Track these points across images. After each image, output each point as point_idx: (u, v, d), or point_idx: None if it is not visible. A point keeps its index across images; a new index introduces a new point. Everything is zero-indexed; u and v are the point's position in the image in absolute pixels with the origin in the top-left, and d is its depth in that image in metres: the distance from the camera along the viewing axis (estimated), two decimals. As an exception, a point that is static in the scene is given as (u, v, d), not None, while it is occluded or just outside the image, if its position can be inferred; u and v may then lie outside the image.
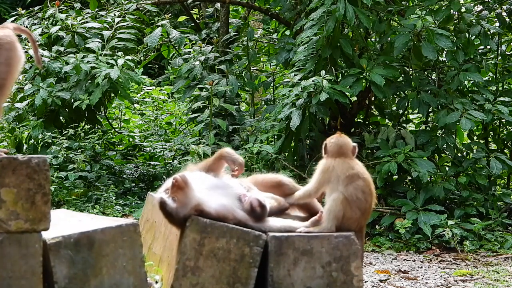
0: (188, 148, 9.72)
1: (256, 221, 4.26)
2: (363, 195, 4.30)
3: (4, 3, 18.21)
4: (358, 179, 4.32)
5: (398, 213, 8.29)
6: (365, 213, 4.34)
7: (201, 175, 4.38)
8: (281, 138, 8.94)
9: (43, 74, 9.92)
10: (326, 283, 4.24)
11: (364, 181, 4.33)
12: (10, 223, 3.78)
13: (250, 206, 4.24)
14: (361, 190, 4.30)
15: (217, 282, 4.18)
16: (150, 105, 13.02)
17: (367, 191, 4.33)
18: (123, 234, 4.00)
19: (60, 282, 3.87)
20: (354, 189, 4.29)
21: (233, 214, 4.23)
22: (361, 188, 4.30)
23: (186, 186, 4.14)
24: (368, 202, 4.33)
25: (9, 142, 10.04)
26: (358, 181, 4.31)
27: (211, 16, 11.54)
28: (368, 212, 4.37)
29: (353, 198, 4.27)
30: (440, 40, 8.37)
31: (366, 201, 4.32)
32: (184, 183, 4.14)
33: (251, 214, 4.24)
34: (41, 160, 3.84)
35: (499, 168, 8.46)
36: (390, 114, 9.67)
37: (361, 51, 9.42)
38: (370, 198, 4.34)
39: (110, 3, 11.09)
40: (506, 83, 9.96)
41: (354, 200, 4.27)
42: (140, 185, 9.98)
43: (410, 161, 8.34)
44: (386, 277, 6.51)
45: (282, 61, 9.73)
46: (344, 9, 8.23)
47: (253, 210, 4.24)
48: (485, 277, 6.55)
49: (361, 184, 4.31)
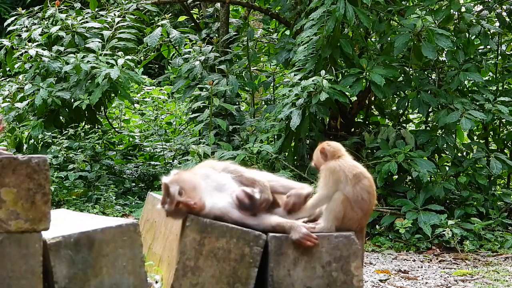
0: (188, 148, 9.73)
1: (249, 214, 4.23)
2: (368, 195, 4.29)
3: (4, 3, 18.21)
4: (364, 178, 4.31)
5: (398, 213, 8.30)
6: (366, 214, 4.33)
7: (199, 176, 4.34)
8: (281, 138, 8.94)
9: (43, 74, 9.92)
10: (326, 283, 4.24)
11: (369, 181, 4.33)
12: (10, 223, 3.78)
13: (237, 199, 4.22)
14: (366, 191, 4.29)
15: (217, 282, 4.18)
16: (150, 105, 13.03)
17: (371, 192, 4.32)
18: (123, 234, 4.00)
19: (60, 282, 3.87)
20: (361, 189, 4.28)
21: (228, 214, 4.22)
22: (366, 188, 4.29)
23: (200, 209, 4.18)
24: (371, 203, 4.33)
25: (9, 142, 10.04)
26: (364, 180, 4.30)
27: (211, 16, 11.53)
28: (370, 212, 4.37)
29: (358, 199, 4.26)
30: (440, 40, 8.37)
31: (370, 202, 4.31)
32: (200, 208, 4.16)
33: (241, 207, 4.22)
34: (41, 160, 3.83)
35: (499, 168, 8.47)
36: (390, 114, 9.67)
37: (361, 51, 9.42)
38: (373, 199, 4.34)
39: (110, 3, 11.09)
40: (506, 83, 9.96)
41: (358, 201, 4.26)
42: (140, 185, 9.98)
43: (410, 161, 8.34)
44: (386, 277, 6.51)
45: (282, 61, 9.74)
46: (344, 9, 8.23)
47: (242, 203, 4.21)
48: (485, 277, 6.55)
49: (367, 184, 4.30)
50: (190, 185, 4.19)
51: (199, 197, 4.15)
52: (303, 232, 4.19)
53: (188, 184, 4.19)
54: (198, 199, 4.14)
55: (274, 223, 4.26)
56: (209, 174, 4.33)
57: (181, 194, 4.15)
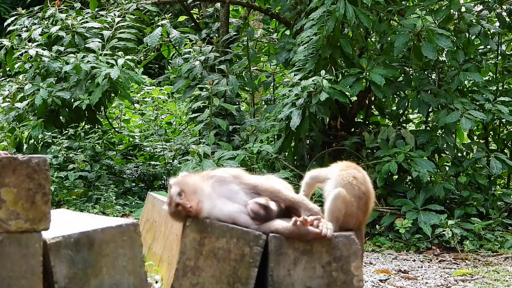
0: (188, 148, 9.72)
1: (263, 223, 4.24)
2: (355, 180, 4.30)
3: (4, 3, 18.22)
4: (353, 169, 4.39)
5: (398, 213, 8.30)
6: (360, 204, 4.31)
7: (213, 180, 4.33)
8: (281, 138, 8.94)
9: (43, 74, 9.93)
10: (326, 283, 4.24)
11: (359, 172, 4.37)
12: (10, 223, 3.78)
13: (253, 212, 4.23)
14: (353, 176, 4.32)
15: (217, 282, 4.18)
16: (150, 105, 13.03)
17: (361, 180, 4.33)
18: (123, 234, 4.00)
19: (60, 282, 3.87)
20: (348, 174, 4.32)
21: (233, 220, 4.21)
22: (353, 174, 4.33)
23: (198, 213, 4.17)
24: (361, 190, 4.31)
25: (9, 142, 10.04)
26: (352, 170, 4.37)
27: (211, 16, 11.54)
28: (365, 205, 4.35)
29: (344, 183, 4.29)
30: (440, 40, 8.37)
31: (359, 189, 4.30)
32: (196, 212, 4.15)
33: (256, 218, 4.23)
34: (41, 160, 3.83)
35: (499, 168, 8.47)
36: (390, 114, 9.67)
37: (361, 51, 9.42)
38: (364, 188, 4.33)
39: (110, 3, 11.09)
40: (506, 83, 9.96)
41: (347, 187, 4.29)
42: (140, 185, 9.99)
43: (410, 161, 8.34)
44: (386, 277, 6.51)
45: (282, 61, 9.73)
46: (344, 9, 8.23)
47: (258, 214, 4.23)
48: (485, 277, 6.55)
49: (354, 172, 4.35)
50: (191, 188, 4.18)
51: (197, 200, 4.14)
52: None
53: (189, 187, 4.18)
54: (195, 202, 4.13)
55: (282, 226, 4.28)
56: (224, 180, 4.34)
57: (181, 196, 4.15)
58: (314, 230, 4.17)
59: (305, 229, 4.17)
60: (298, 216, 4.21)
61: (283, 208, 4.37)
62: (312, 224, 4.19)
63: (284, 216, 4.34)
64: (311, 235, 4.17)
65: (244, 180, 4.37)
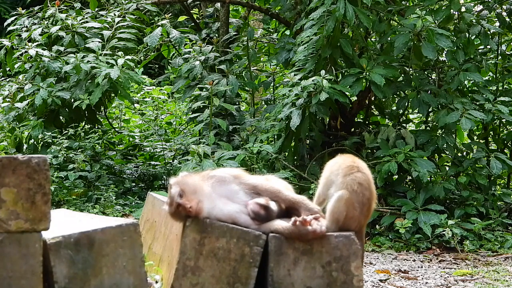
0: (188, 148, 9.72)
1: (264, 223, 4.24)
2: (360, 187, 4.28)
3: (4, 3, 18.22)
4: (358, 172, 4.32)
5: (398, 213, 8.30)
6: (363, 209, 4.30)
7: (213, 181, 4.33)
8: (281, 138, 8.94)
9: (43, 74, 9.92)
10: (326, 283, 4.24)
11: (364, 175, 4.33)
12: (10, 223, 3.78)
13: (253, 212, 4.23)
14: (358, 182, 4.29)
15: (217, 282, 4.18)
16: (150, 105, 13.04)
17: (365, 185, 4.30)
18: (123, 234, 4.00)
19: (60, 282, 3.87)
20: (352, 180, 4.28)
21: (233, 220, 4.21)
22: (358, 180, 4.29)
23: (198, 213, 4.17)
24: (365, 196, 4.29)
25: (9, 142, 10.04)
26: (357, 173, 4.32)
27: (211, 16, 11.54)
28: (368, 210, 4.35)
29: (349, 190, 4.27)
30: (440, 40, 8.37)
31: (363, 195, 4.29)
32: (196, 213, 4.15)
33: (257, 218, 4.23)
34: (41, 160, 3.83)
35: (499, 168, 8.47)
36: (390, 114, 9.67)
37: (361, 51, 9.42)
38: (368, 193, 4.31)
39: (110, 3, 11.08)
40: (506, 83, 9.96)
41: (351, 192, 4.27)
42: (140, 185, 9.99)
43: (410, 161, 8.34)
44: (386, 277, 6.51)
45: (282, 61, 9.74)
46: (344, 8, 8.23)
47: (258, 215, 4.23)
48: (485, 277, 6.55)
49: (359, 176, 4.31)
50: (191, 188, 4.19)
51: (197, 201, 4.14)
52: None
53: (189, 187, 4.19)
54: (195, 203, 4.13)
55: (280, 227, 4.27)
56: (224, 180, 4.33)
57: (181, 196, 4.15)
58: (312, 230, 4.17)
59: (304, 229, 4.17)
60: (299, 217, 4.21)
61: (283, 208, 4.37)
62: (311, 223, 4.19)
63: (284, 216, 4.34)
64: (310, 235, 4.18)
65: (244, 180, 4.37)
